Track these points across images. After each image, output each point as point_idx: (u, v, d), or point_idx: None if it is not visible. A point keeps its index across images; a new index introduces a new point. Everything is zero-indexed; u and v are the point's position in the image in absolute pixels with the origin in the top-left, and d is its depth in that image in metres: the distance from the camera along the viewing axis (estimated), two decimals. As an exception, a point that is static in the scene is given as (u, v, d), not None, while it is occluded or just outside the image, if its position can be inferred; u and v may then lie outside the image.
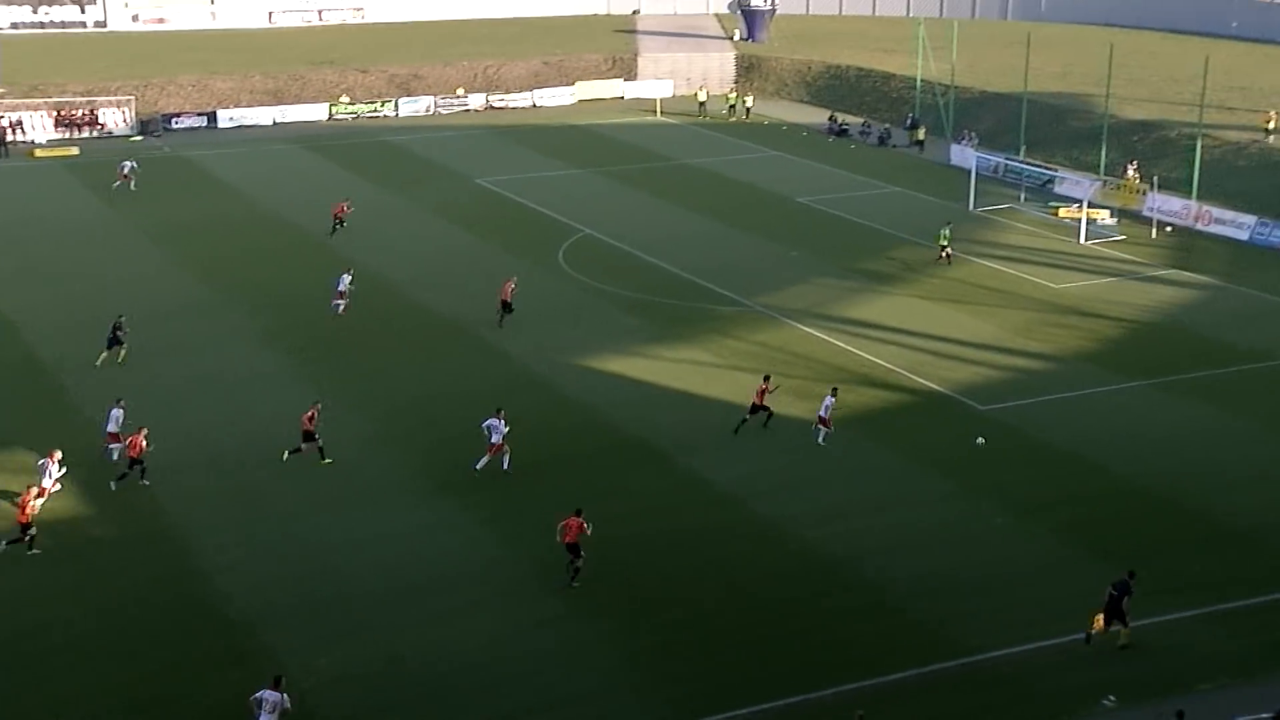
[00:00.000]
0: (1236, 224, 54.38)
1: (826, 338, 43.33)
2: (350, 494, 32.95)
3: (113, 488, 32.68)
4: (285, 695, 23.30)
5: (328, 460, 34.07)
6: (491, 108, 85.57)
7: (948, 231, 51.48)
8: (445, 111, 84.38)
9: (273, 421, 36.70)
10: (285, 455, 34.11)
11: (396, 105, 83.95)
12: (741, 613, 27.84)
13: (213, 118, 79.90)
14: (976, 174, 59.85)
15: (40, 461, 32.33)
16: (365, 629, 27.15)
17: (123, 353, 40.79)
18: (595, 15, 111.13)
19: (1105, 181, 59.85)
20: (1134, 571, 26.66)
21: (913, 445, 35.39)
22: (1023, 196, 60.40)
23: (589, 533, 28.76)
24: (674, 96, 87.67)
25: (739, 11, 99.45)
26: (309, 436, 34.19)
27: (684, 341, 43.16)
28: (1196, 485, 32.82)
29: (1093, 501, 32.28)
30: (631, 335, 43.85)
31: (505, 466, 33.69)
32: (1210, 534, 30.48)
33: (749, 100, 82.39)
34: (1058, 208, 58.09)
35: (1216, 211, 55.38)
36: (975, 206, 58.36)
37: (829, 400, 35.50)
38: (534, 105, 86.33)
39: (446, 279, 49.91)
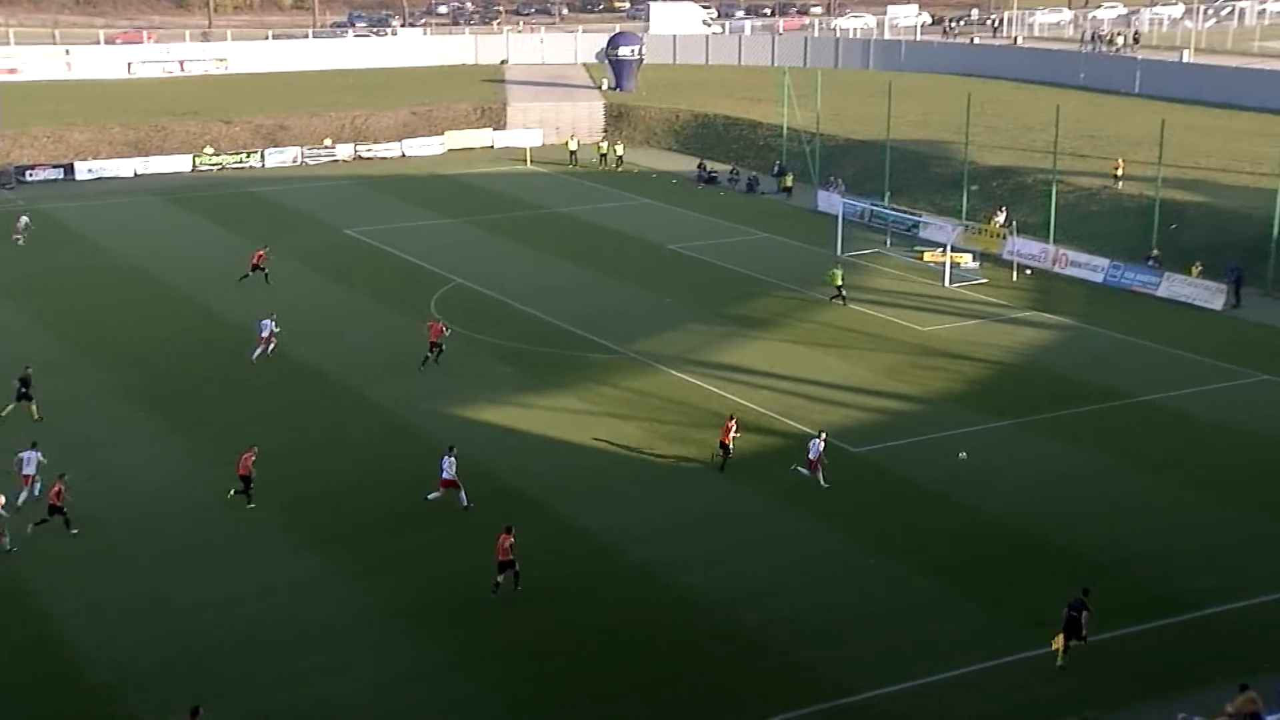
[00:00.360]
0: (1091, 266, 56.03)
1: (700, 383, 43.55)
2: (216, 550, 32.14)
3: (29, 531, 32.33)
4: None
5: (251, 505, 34.00)
6: (360, 158, 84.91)
7: (839, 271, 52.47)
8: (313, 162, 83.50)
9: (133, 477, 35.70)
10: (230, 494, 34.24)
11: (263, 156, 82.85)
12: (621, 660, 27.67)
13: (70, 169, 78.01)
14: (843, 220, 60.86)
15: None
16: (232, 689, 26.39)
17: (34, 407, 40.15)
18: (463, 65, 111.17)
19: (967, 226, 61.31)
20: (1088, 589, 27.40)
21: (788, 488, 35.60)
22: (889, 241, 61.57)
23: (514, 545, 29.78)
24: (544, 145, 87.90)
25: (607, 61, 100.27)
26: (247, 481, 33.99)
27: (558, 389, 43.03)
28: (1058, 521, 33.52)
29: (962, 540, 32.77)
30: (505, 384, 43.60)
31: (464, 504, 33.90)
32: (1073, 568, 31.08)
33: (620, 149, 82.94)
34: (923, 252, 59.35)
35: (1072, 254, 57.02)
36: (843, 251, 59.30)
37: (818, 444, 35.46)
38: (403, 155, 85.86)
39: (316, 330, 49.17)
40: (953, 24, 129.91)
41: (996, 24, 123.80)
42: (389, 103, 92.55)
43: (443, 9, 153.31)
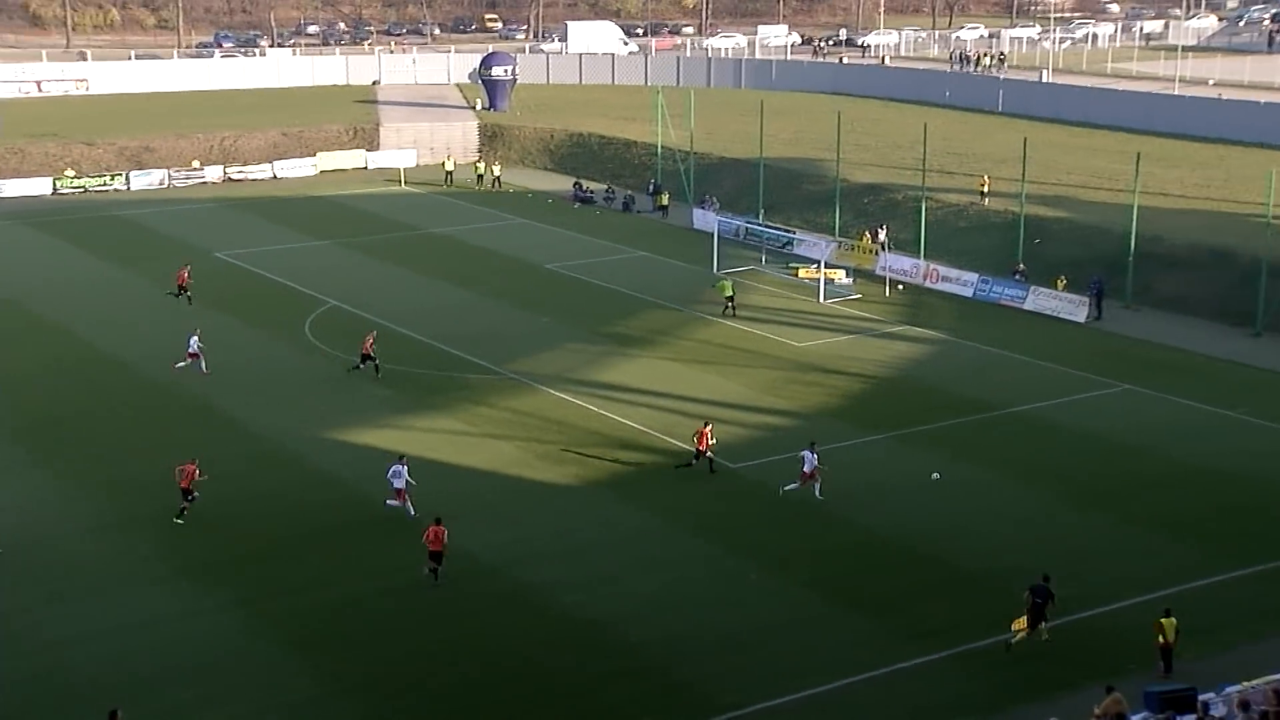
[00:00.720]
0: (961, 281, 57.22)
1: (579, 402, 43.52)
2: (81, 585, 31.26)
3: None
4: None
5: (179, 521, 33.86)
6: (230, 180, 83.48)
7: (729, 283, 53.61)
8: (180, 184, 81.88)
9: (-1, 512, 34.57)
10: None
11: (127, 179, 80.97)
12: (504, 682, 27.49)
13: (-78, 193, 75.55)
14: (719, 237, 61.38)
15: None
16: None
17: None
18: (334, 86, 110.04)
19: (840, 243, 62.22)
20: (1048, 575, 28.61)
21: (668, 506, 35.74)
22: (764, 258, 62.23)
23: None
24: (418, 166, 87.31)
25: (480, 81, 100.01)
26: (186, 494, 33.97)
27: (437, 411, 42.69)
28: (935, 533, 34.09)
29: (841, 553, 33.17)
30: (383, 406, 43.12)
31: (411, 514, 33.98)
32: (950, 579, 31.67)
33: (498, 169, 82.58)
34: (798, 268, 60.06)
35: (943, 269, 58.18)
36: (719, 269, 59.77)
37: (810, 455, 35.91)
38: (274, 177, 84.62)
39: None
40: (822, 44, 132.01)
41: (866, 45, 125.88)
42: (258, 124, 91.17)
43: (313, 29, 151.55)
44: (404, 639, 29.10)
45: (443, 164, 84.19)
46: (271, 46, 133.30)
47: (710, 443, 37.50)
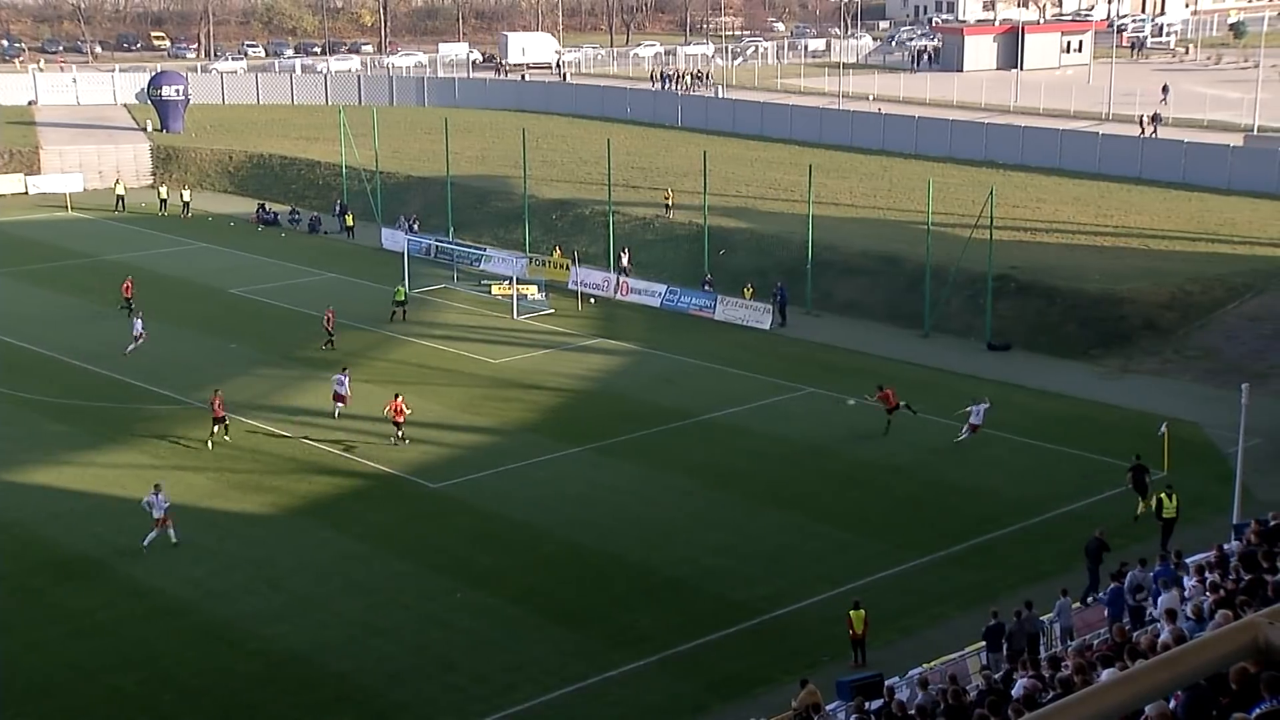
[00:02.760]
0: (650, 293, 58.74)
1: (273, 429, 42.47)
2: None
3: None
4: None
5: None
6: None
7: (403, 288, 55.27)
8: None
9: None
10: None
11: None
12: (206, 723, 26.58)
13: None
14: (409, 256, 60.97)
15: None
16: None
17: None
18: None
19: (531, 259, 62.83)
20: (1139, 454, 36.00)
21: (371, 530, 35.32)
22: (455, 276, 62.20)
23: None
24: (86, 191, 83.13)
25: (150, 101, 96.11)
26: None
27: (119, 445, 40.91)
28: (637, 540, 34.89)
29: (548, 566, 33.55)
30: (59, 443, 41.00)
31: (174, 540, 32.99)
32: (654, 584, 32.50)
33: (187, 194, 78.74)
34: (490, 285, 60.29)
35: (633, 282, 59.57)
36: (411, 288, 59.32)
37: (979, 409, 40.46)
38: (-77, 203, 79.02)
39: None
40: (503, 61, 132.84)
41: (558, 63, 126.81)
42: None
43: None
44: (88, 687, 27.73)
45: (113, 188, 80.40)
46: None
47: (406, 413, 40.71)
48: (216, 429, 41.03)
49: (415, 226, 69.06)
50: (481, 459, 40.38)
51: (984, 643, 26.61)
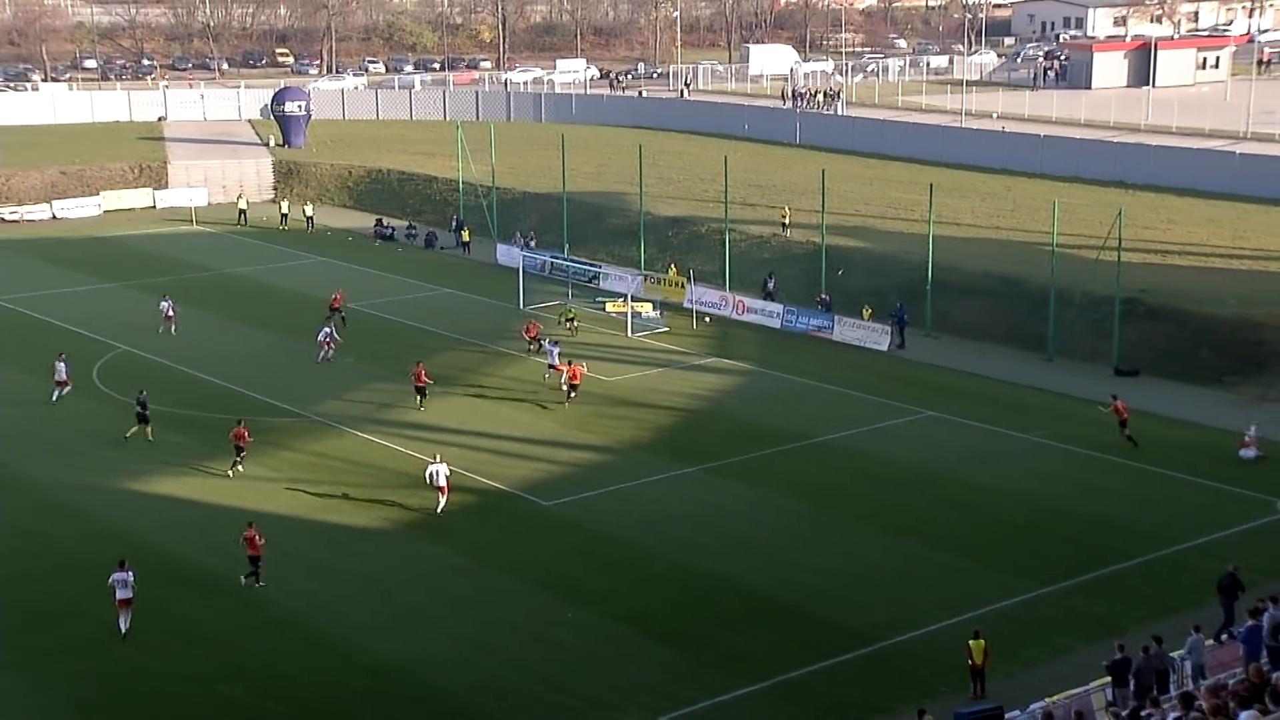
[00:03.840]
0: (767, 312, 58.43)
1: (386, 443, 43.01)
2: None
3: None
4: None
5: (262, 584, 32.94)
6: (3, 220, 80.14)
7: (572, 307, 56.39)
8: (-50, 226, 78.34)
9: None
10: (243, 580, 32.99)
11: (-109, 220, 77.18)
12: (316, 737, 26.91)
13: None
14: (524, 272, 61.45)
15: None
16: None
17: (149, 429, 42.39)
18: (117, 122, 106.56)
19: (647, 276, 62.93)
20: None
21: (481, 546, 35.55)
22: (570, 293, 62.52)
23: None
24: (210, 205, 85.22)
25: (273, 117, 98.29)
26: (256, 561, 32.93)
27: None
28: (747, 562, 34.63)
29: (657, 587, 33.45)
30: (178, 453, 41.94)
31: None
32: (763, 608, 32.19)
33: (310, 209, 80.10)
34: (605, 303, 60.46)
35: (749, 301, 59.34)
36: (525, 304, 59.83)
37: None
38: (54, 217, 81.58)
39: (-37, 407, 46.19)
40: (619, 78, 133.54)
41: (688, 79, 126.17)
42: (33, 161, 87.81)
43: (90, 63, 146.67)
44: (206, 698, 28.23)
45: (236, 202, 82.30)
46: (45, 80, 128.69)
47: (583, 373, 46.54)
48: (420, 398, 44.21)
49: (532, 243, 69.50)
50: (593, 477, 40.45)
51: (1109, 678, 25.92)
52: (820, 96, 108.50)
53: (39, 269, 68.52)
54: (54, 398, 46.75)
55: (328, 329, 52.28)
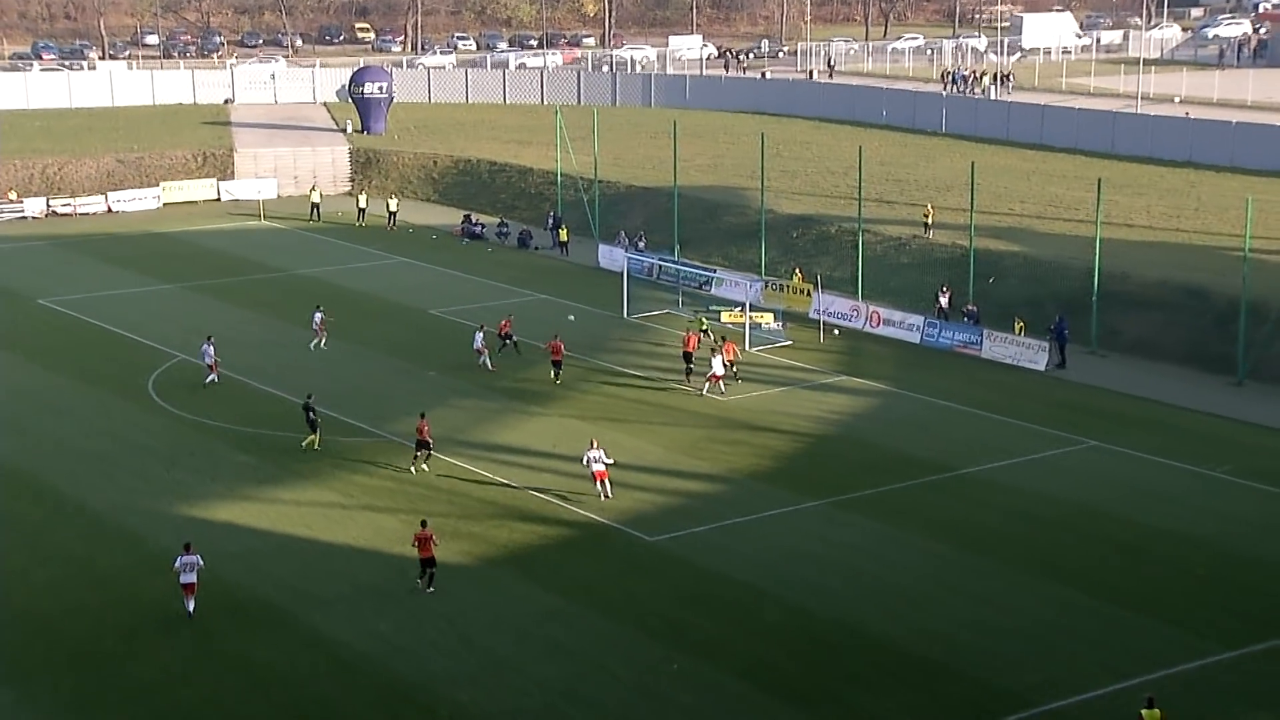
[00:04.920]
0: (906, 325, 58.11)
1: (471, 467, 43.52)
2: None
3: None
4: None
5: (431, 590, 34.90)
6: (55, 214, 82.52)
7: (703, 319, 56.94)
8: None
9: None
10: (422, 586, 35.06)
11: (-71, 213, 79.84)
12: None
13: None
14: (629, 276, 61.79)
15: None
16: None
17: (316, 438, 44.60)
18: (179, 105, 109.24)
19: (768, 282, 62.92)
20: None
21: (576, 585, 35.78)
22: (680, 301, 62.73)
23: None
24: (280, 198, 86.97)
25: (351, 100, 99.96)
26: (429, 562, 35.09)
27: (306, 480, 42.44)
28: (879, 610, 34.44)
29: (773, 637, 33.38)
30: (243, 475, 42.81)
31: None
32: (898, 664, 32.01)
33: (394, 203, 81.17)
34: (720, 312, 60.53)
35: (885, 312, 59.06)
36: (630, 313, 60.14)
37: None
38: (109, 210, 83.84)
39: (5, 420, 47.51)
40: (740, 57, 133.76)
41: (830, 59, 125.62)
42: (88, 149, 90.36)
43: (151, 39, 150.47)
44: (271, 746, 28.81)
45: (309, 195, 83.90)
46: (102, 58, 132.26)
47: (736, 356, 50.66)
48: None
49: (642, 244, 69.79)
50: (703, 510, 40.53)
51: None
52: (984, 79, 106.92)
53: (91, 267, 70.37)
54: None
55: (480, 334, 53.58)
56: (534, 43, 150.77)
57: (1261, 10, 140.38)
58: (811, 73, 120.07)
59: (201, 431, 46.53)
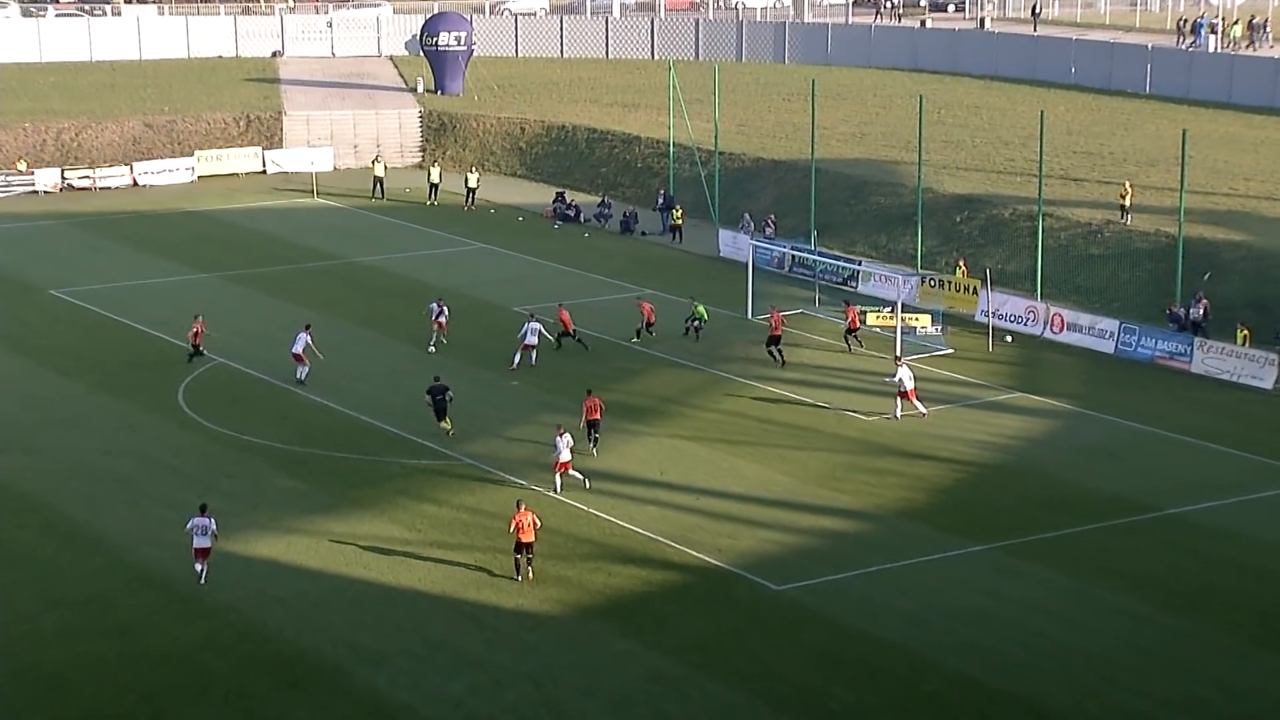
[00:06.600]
0: (1097, 330, 57.56)
1: (561, 498, 43.73)
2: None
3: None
4: None
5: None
6: (71, 188, 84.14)
7: (703, 307, 57.41)
8: (0, 194, 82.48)
9: None
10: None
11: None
12: None
13: None
14: (755, 269, 61.76)
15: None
16: None
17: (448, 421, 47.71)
18: (219, 59, 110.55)
19: (926, 277, 62.60)
20: None
21: (688, 642, 35.84)
22: (818, 299, 62.62)
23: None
24: (337, 170, 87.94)
25: (423, 53, 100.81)
26: (527, 547, 38.17)
27: (364, 509, 42.93)
28: (1062, 681, 34.17)
29: (933, 710, 33.28)
30: (289, 504, 43.37)
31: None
32: (1087, 745, 31.85)
33: (474, 179, 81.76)
34: (867, 313, 60.35)
35: (1070, 315, 58.55)
36: (755, 314, 60.13)
37: None
38: (135, 184, 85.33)
39: (9, 434, 48.54)
40: (893, 3, 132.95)
41: (1037, 6, 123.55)
42: (111, 111, 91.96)
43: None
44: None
45: (371, 167, 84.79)
46: (128, 2, 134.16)
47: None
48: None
49: (768, 229, 69.75)
50: (842, 554, 40.46)
51: None
52: (1237, 27, 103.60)
53: (113, 252, 71.66)
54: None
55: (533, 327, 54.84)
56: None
57: None
58: (982, 21, 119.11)
59: (242, 450, 47.17)
